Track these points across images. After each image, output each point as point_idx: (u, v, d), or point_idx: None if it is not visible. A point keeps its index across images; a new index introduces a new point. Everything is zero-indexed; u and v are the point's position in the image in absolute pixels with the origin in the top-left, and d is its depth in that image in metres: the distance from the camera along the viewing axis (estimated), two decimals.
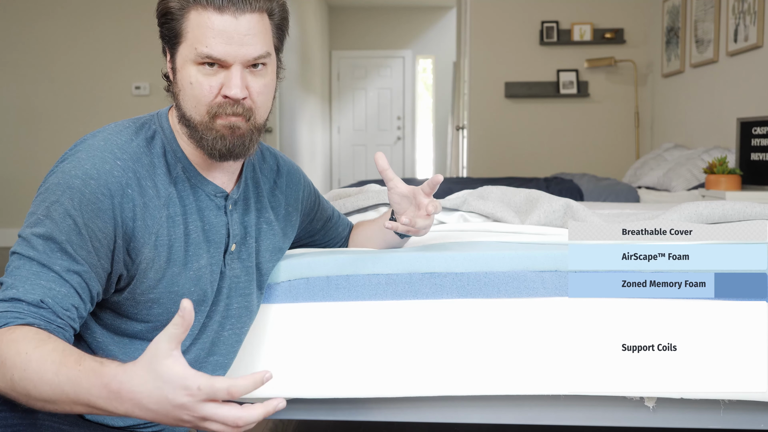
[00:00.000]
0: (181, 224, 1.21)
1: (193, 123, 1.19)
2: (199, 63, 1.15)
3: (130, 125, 1.22)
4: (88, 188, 1.10)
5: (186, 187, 1.23)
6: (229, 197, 1.28)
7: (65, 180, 1.11)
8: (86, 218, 1.10)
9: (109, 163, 1.13)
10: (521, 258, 1.48)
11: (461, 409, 1.54)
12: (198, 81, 1.16)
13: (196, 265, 1.23)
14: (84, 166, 1.12)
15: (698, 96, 4.70)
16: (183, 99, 1.19)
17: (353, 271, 1.49)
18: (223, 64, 1.16)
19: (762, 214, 1.77)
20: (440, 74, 9.36)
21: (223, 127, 1.18)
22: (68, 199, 1.10)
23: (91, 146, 1.15)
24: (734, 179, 3.09)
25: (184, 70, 1.17)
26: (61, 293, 1.07)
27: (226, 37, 1.14)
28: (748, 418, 1.50)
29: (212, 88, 1.16)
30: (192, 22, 1.15)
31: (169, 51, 1.21)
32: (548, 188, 3.58)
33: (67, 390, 0.95)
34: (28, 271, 1.07)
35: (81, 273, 1.09)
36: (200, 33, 1.14)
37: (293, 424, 2.17)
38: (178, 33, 1.17)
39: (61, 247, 1.08)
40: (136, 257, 1.16)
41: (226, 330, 1.33)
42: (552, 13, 5.82)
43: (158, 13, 1.19)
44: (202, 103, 1.17)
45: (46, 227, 1.09)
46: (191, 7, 1.15)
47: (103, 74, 6.04)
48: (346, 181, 9.37)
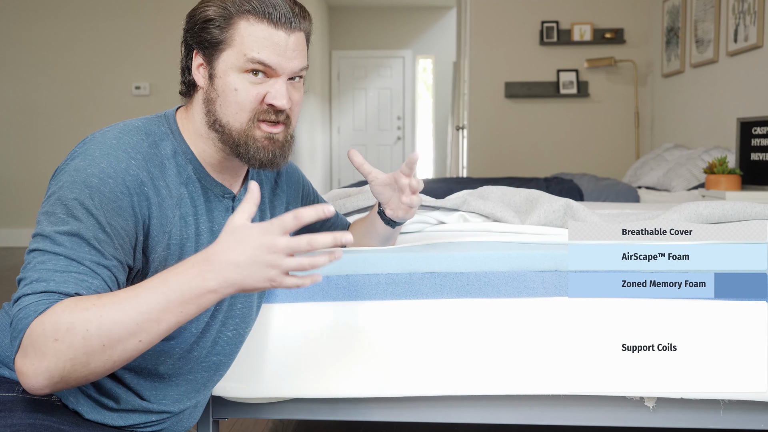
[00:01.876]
0: (192, 225, 1.22)
1: (230, 129, 1.21)
2: (246, 70, 1.19)
3: (139, 126, 1.22)
4: (107, 187, 1.10)
5: (197, 188, 1.24)
6: (237, 198, 1.30)
7: (82, 178, 1.10)
8: (108, 217, 1.09)
9: (125, 161, 1.13)
10: (521, 258, 1.48)
11: (461, 409, 1.54)
12: (244, 88, 1.20)
13: None
14: (100, 165, 1.11)
15: (698, 96, 4.70)
16: (222, 105, 1.21)
17: (353, 270, 1.49)
18: (272, 73, 1.20)
19: (762, 214, 1.77)
20: (440, 74, 9.36)
21: (263, 138, 1.22)
22: (88, 198, 1.09)
23: (104, 144, 1.15)
24: (734, 179, 3.09)
25: (227, 76, 1.20)
26: (94, 284, 1.05)
27: (279, 50, 1.19)
28: (748, 418, 1.50)
29: (258, 95, 1.20)
30: (241, 30, 1.18)
31: (206, 57, 1.21)
32: (548, 188, 3.58)
33: (153, 303, 1.00)
34: (55, 265, 1.04)
35: (110, 267, 1.08)
36: (252, 41, 1.18)
37: (293, 424, 2.17)
38: (223, 40, 1.19)
39: (88, 243, 1.07)
40: (150, 255, 1.17)
41: (229, 330, 1.34)
42: (552, 13, 5.82)
43: (196, 19, 1.20)
44: (246, 110, 1.20)
45: (71, 225, 1.07)
46: (240, 16, 1.18)
47: (103, 74, 6.05)
48: (346, 181, 9.37)
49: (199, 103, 1.24)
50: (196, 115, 1.25)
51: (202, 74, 1.23)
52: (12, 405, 1.14)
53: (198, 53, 1.22)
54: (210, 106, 1.22)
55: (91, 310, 0.99)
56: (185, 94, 1.28)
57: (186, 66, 1.25)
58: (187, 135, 1.25)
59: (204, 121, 1.24)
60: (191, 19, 1.22)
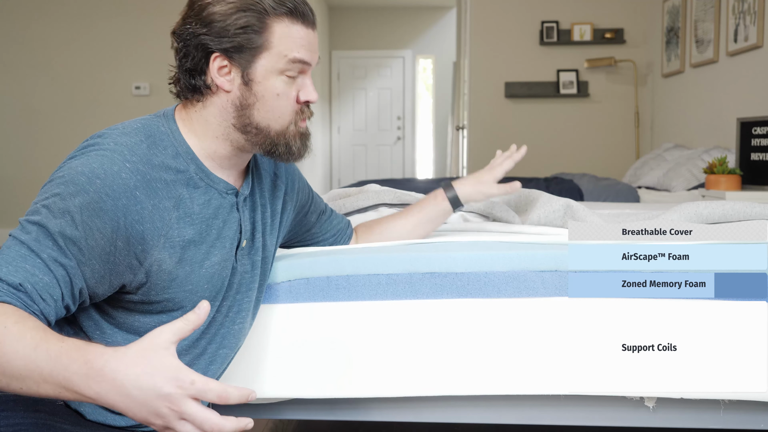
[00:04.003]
0: (193, 223, 1.21)
1: (269, 131, 1.24)
2: (283, 72, 1.21)
3: (139, 127, 1.21)
4: (92, 187, 1.10)
5: (199, 186, 1.23)
6: (240, 194, 1.30)
7: (71, 176, 1.10)
8: (85, 216, 1.09)
9: (118, 164, 1.13)
10: (521, 258, 1.48)
11: (461, 409, 1.54)
12: (285, 92, 1.23)
13: (209, 263, 1.24)
14: (92, 165, 1.11)
15: (698, 96, 4.70)
16: (261, 109, 1.22)
17: (353, 271, 1.49)
18: (305, 70, 1.25)
19: (762, 214, 1.77)
20: (440, 74, 9.36)
21: (297, 134, 1.27)
22: (70, 194, 1.09)
23: (101, 146, 1.15)
24: (734, 179, 3.09)
25: (268, 81, 1.21)
26: (43, 281, 1.05)
27: (313, 47, 1.25)
28: (748, 418, 1.50)
29: (294, 97, 1.25)
30: (277, 32, 1.20)
31: (235, 61, 1.19)
32: (548, 188, 3.58)
33: (42, 366, 0.92)
34: (16, 253, 1.06)
35: (67, 267, 1.08)
36: (291, 42, 1.21)
37: (293, 424, 2.17)
38: (261, 44, 1.19)
39: (52, 237, 1.07)
40: (145, 260, 1.15)
41: (236, 324, 1.34)
42: (552, 13, 5.82)
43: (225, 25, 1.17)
44: (288, 113, 1.25)
45: (42, 215, 1.08)
46: (274, 18, 1.20)
47: (103, 74, 6.05)
48: (346, 181, 9.37)
49: (221, 106, 1.22)
50: (211, 119, 1.23)
51: (228, 79, 1.20)
52: (14, 404, 1.14)
53: (221, 56, 1.19)
54: (245, 110, 1.22)
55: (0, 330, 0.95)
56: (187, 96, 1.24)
57: (193, 68, 1.21)
58: (188, 134, 1.24)
59: (229, 124, 1.22)
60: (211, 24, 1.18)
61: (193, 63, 1.21)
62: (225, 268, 1.27)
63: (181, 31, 1.21)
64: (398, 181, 3.89)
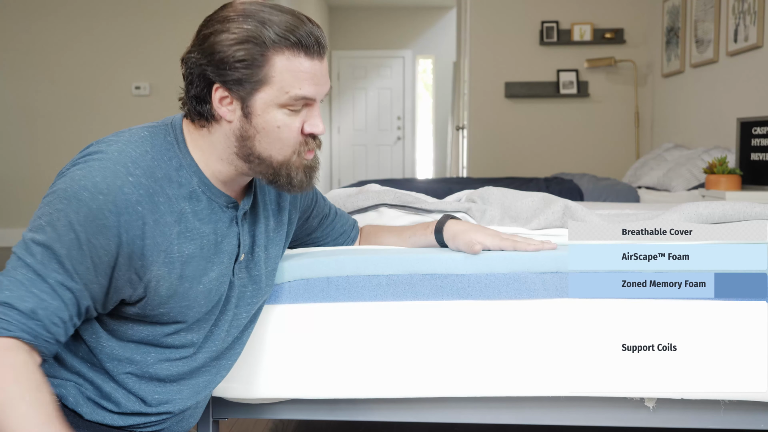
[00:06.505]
0: (194, 239, 1.20)
1: (272, 161, 1.21)
2: (285, 105, 1.18)
3: (146, 136, 1.19)
4: (95, 203, 1.09)
5: (201, 200, 1.22)
6: (240, 207, 1.28)
7: (74, 190, 1.09)
8: (89, 233, 1.09)
9: (121, 178, 1.11)
10: (522, 259, 1.48)
11: (461, 409, 1.54)
12: (286, 124, 1.19)
13: (207, 279, 1.23)
14: (95, 179, 1.10)
15: (698, 96, 4.70)
16: (262, 141, 1.19)
17: (354, 271, 1.49)
18: (310, 103, 1.20)
19: (762, 214, 1.77)
20: (440, 74, 9.36)
21: (302, 166, 1.22)
22: (74, 211, 1.08)
23: (105, 157, 1.13)
24: (734, 179, 3.09)
25: (268, 114, 1.17)
26: (52, 306, 1.07)
27: (316, 79, 1.19)
28: (748, 418, 1.50)
29: (298, 129, 1.20)
30: (278, 66, 1.15)
31: (235, 93, 1.16)
32: (548, 188, 3.58)
33: None
34: (23, 276, 1.07)
35: (74, 290, 1.09)
36: (292, 77, 1.16)
37: (293, 424, 2.17)
38: (261, 78, 1.15)
39: (58, 260, 1.08)
40: (144, 275, 1.15)
41: (230, 336, 1.34)
42: (552, 13, 5.82)
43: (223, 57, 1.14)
44: (289, 145, 1.20)
45: (47, 235, 1.08)
46: (275, 51, 1.15)
47: (103, 74, 6.05)
48: (346, 181, 9.37)
49: (224, 135, 1.20)
50: (217, 143, 1.21)
51: (230, 109, 1.18)
52: None
53: (222, 87, 1.17)
54: (246, 141, 1.19)
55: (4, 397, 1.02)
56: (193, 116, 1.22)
57: (198, 96, 1.19)
58: (194, 149, 1.22)
59: (232, 152, 1.21)
60: (211, 54, 1.15)
61: (197, 91, 1.19)
62: (222, 283, 1.26)
63: (186, 58, 1.19)
64: (398, 181, 3.89)
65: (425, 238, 1.57)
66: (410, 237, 1.60)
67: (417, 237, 1.59)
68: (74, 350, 1.21)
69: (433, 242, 1.56)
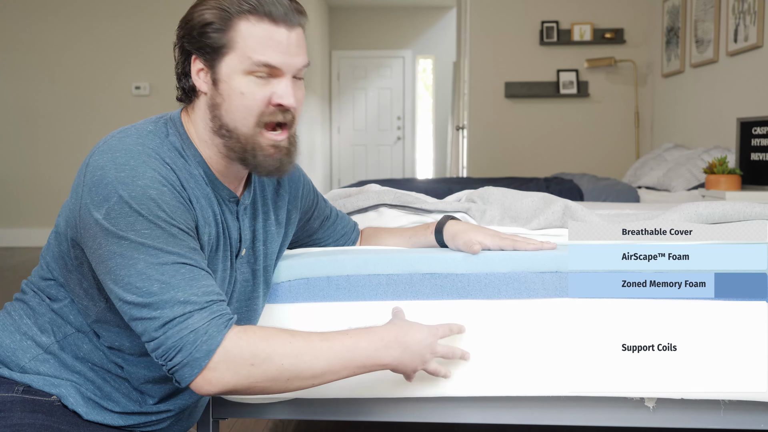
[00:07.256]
0: (214, 226, 1.22)
1: (238, 134, 1.19)
2: (251, 72, 1.16)
3: (153, 130, 1.19)
4: (165, 195, 1.11)
5: (209, 191, 1.22)
6: (240, 202, 1.28)
7: (139, 192, 1.10)
8: (179, 221, 1.12)
9: (160, 165, 1.14)
10: (522, 259, 1.48)
11: (461, 409, 1.54)
12: (250, 90, 1.16)
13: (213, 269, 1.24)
14: (145, 173, 1.11)
15: (698, 96, 4.70)
16: (228, 110, 1.18)
17: (354, 271, 1.49)
18: (277, 73, 1.17)
19: (762, 214, 1.77)
20: (440, 74, 9.36)
21: (269, 146, 1.20)
22: (158, 209, 1.10)
23: (134, 151, 1.13)
24: (734, 179, 3.09)
25: (232, 80, 1.16)
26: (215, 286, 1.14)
27: (282, 48, 1.17)
28: (748, 418, 1.50)
29: (264, 97, 1.17)
30: (242, 32, 1.15)
31: (206, 62, 1.18)
32: (548, 188, 3.58)
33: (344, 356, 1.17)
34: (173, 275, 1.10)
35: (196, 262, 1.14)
36: (255, 42, 1.15)
37: (293, 424, 2.17)
38: (224, 44, 1.16)
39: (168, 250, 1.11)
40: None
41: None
42: (552, 13, 5.82)
43: (194, 24, 1.17)
44: (253, 113, 1.18)
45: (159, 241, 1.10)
46: (240, 16, 1.15)
47: (103, 74, 6.05)
48: (346, 181, 9.37)
49: (203, 108, 1.21)
50: (199, 121, 1.22)
51: (204, 79, 1.19)
52: (11, 405, 1.14)
53: (197, 58, 1.19)
54: (215, 111, 1.19)
55: (288, 347, 1.13)
56: (184, 100, 1.24)
57: (183, 71, 1.21)
58: (195, 138, 1.23)
59: (209, 127, 1.21)
60: (187, 24, 1.18)
61: (181, 68, 1.22)
62: (225, 278, 1.27)
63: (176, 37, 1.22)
64: (398, 181, 3.89)
65: (425, 238, 1.57)
66: (410, 237, 1.60)
67: (417, 237, 1.59)
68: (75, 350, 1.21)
69: (433, 242, 1.56)
